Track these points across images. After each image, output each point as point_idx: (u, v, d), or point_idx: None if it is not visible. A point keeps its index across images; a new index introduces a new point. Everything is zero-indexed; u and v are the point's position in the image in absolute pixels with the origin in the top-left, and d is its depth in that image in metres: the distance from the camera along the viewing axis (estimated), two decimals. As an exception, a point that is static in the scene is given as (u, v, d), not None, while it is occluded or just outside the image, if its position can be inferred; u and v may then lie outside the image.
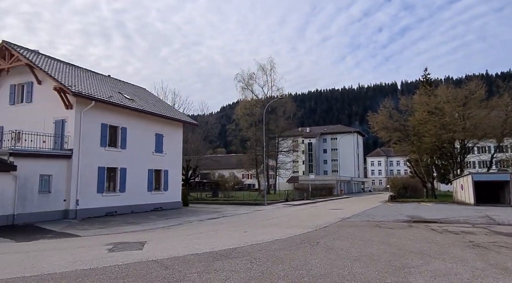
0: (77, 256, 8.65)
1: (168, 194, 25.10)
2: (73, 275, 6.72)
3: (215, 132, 61.51)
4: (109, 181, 20.49)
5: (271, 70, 52.99)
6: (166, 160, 25.05)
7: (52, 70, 19.37)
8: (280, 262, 7.35)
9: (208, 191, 49.92)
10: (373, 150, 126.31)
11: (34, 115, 19.19)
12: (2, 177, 15.22)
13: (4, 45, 19.49)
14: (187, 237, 12.17)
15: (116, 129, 21.04)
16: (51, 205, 17.22)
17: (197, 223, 17.59)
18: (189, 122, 29.64)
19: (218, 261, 7.63)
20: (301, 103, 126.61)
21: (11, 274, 6.97)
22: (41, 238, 12.88)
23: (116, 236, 13.11)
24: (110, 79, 26.60)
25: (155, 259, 7.99)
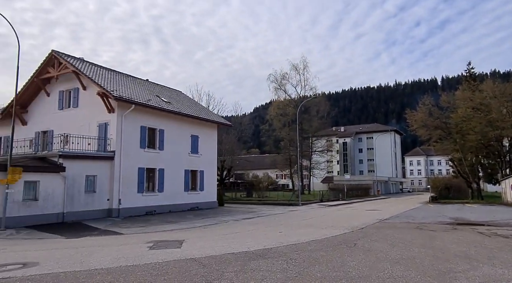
0: (121, 253, 9.09)
1: (204, 194, 25.65)
2: (117, 271, 7.08)
3: (249, 133, 61.93)
4: (148, 182, 21.30)
5: (304, 70, 52.55)
6: (202, 161, 25.61)
7: (96, 76, 20.48)
8: (316, 263, 7.29)
9: (242, 191, 50.40)
10: (412, 149, 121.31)
11: (79, 119, 20.40)
12: (53, 178, 16.33)
13: (53, 54, 20.90)
14: (223, 236, 12.38)
15: (154, 131, 21.84)
16: (96, 204, 18.21)
17: (232, 222, 17.84)
18: (223, 123, 30.11)
19: (254, 260, 7.70)
20: (335, 102, 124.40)
21: (63, 268, 7.47)
22: (88, 235, 13.66)
23: (155, 234, 13.61)
24: (148, 83, 27.65)
25: (193, 257, 8.21)
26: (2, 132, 24.04)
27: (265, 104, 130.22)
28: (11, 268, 7.62)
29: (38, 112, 22.88)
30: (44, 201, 15.93)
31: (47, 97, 22.41)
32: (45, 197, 15.96)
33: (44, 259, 8.54)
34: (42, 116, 22.57)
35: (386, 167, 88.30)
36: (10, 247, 10.86)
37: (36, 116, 22.93)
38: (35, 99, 22.99)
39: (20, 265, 7.87)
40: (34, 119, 22.99)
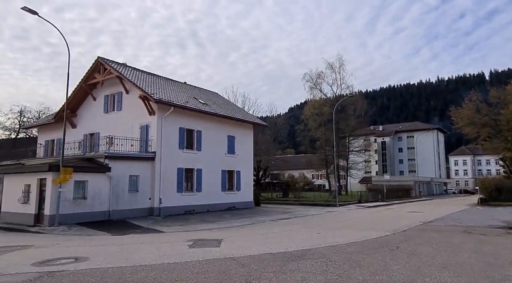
0: (163, 251, 9.42)
1: (241, 194, 25.91)
2: (160, 268, 7.34)
3: (284, 133, 61.64)
4: (187, 181, 21.89)
5: (340, 68, 51.38)
6: (238, 161, 25.90)
7: (138, 80, 21.41)
8: (357, 266, 7.11)
9: (278, 191, 50.30)
10: (457, 148, 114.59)
11: (123, 121, 21.41)
12: (100, 178, 17.28)
13: (99, 61, 22.14)
14: (261, 236, 12.44)
15: (192, 132, 22.41)
16: (139, 203, 19.01)
17: (269, 223, 17.86)
18: (259, 123, 30.25)
19: (293, 261, 7.66)
20: (372, 101, 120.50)
21: (110, 263, 7.88)
22: (132, 232, 14.30)
23: (195, 233, 13.96)
24: (186, 85, 28.43)
25: (232, 256, 8.32)
26: (54, 134, 25.83)
27: (300, 104, 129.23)
28: (64, 262, 8.17)
29: (86, 116, 24.33)
30: (92, 200, 16.90)
31: (93, 101, 23.77)
32: (93, 196, 16.92)
33: (93, 254, 9.06)
34: (89, 119, 23.98)
35: (429, 167, 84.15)
36: (63, 242, 11.63)
37: (84, 120, 24.39)
38: (83, 103, 24.46)
39: (72, 259, 8.41)
40: (82, 122, 24.48)
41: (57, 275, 6.88)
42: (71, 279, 6.55)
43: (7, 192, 18.35)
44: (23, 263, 8.10)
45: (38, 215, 16.18)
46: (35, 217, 16.15)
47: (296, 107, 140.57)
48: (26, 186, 16.92)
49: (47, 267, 7.57)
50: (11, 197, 17.66)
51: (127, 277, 6.60)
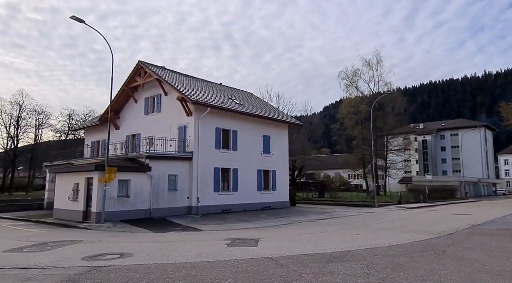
0: (202, 249, 9.63)
1: (276, 194, 25.88)
2: (200, 266, 7.51)
3: (319, 132, 60.73)
4: (223, 181, 22.23)
5: (377, 64, 49.76)
6: (274, 161, 25.89)
7: (175, 82, 22.06)
8: (401, 270, 6.84)
9: (313, 191, 49.68)
10: (507, 146, 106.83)
11: (162, 122, 22.16)
12: (141, 177, 18.01)
13: (140, 65, 23.10)
14: (298, 236, 12.34)
15: (228, 132, 22.71)
16: (178, 202, 19.58)
17: (306, 223, 17.68)
18: (294, 122, 30.05)
19: (332, 263, 7.53)
20: (412, 98, 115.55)
21: (153, 260, 8.18)
22: (172, 230, 14.76)
23: (232, 232, 14.13)
24: (222, 86, 28.88)
25: (270, 256, 8.33)
26: (99, 136, 27.28)
27: (335, 102, 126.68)
28: (111, 257, 8.59)
29: (128, 118, 25.46)
30: (134, 198, 17.65)
31: (135, 103, 24.82)
32: (135, 194, 17.67)
33: (137, 251, 9.45)
34: (131, 121, 25.07)
35: (475, 166, 79.23)
36: (109, 238, 12.25)
37: (126, 121, 25.53)
38: (126, 105, 25.61)
39: (117, 255, 8.83)
40: (125, 124, 25.63)
41: (104, 269, 7.25)
42: (117, 274, 6.87)
43: (58, 190, 19.65)
44: (74, 257, 8.62)
45: (86, 212, 17.17)
46: (83, 214, 17.15)
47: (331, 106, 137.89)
48: (75, 185, 18.02)
49: (96, 262, 8.00)
50: (62, 195, 18.89)
51: (169, 274, 6.81)
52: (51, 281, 6.36)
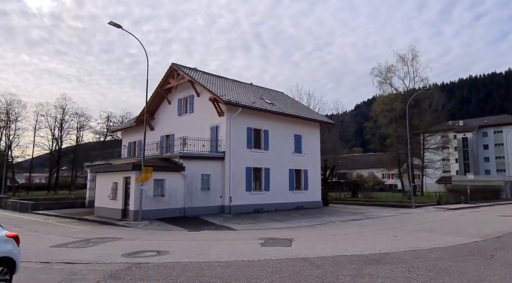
0: (236, 248, 9.69)
1: (308, 194, 25.60)
2: (235, 265, 7.55)
3: (351, 131, 59.45)
4: (255, 180, 22.29)
5: (412, 60, 47.82)
6: (305, 160, 25.62)
7: (207, 83, 22.41)
8: (445, 274, 6.50)
9: (346, 191, 48.70)
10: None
11: (194, 123, 22.59)
12: (175, 176, 18.45)
13: (173, 67, 23.71)
14: (332, 237, 12.12)
15: (259, 132, 22.75)
16: (211, 201, 19.88)
17: (340, 223, 17.34)
18: (326, 121, 29.59)
19: (370, 265, 7.31)
20: (450, 93, 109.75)
21: (189, 258, 8.34)
22: (205, 229, 15.00)
23: (265, 231, 14.13)
24: (252, 86, 28.98)
25: (305, 257, 8.23)
26: (136, 137, 28.28)
27: (367, 100, 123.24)
28: (148, 254, 8.86)
29: (162, 119, 26.19)
30: (169, 197, 18.11)
31: (168, 105, 25.49)
32: (170, 193, 18.14)
33: (173, 248, 9.68)
34: (165, 122, 25.77)
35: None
36: (146, 236, 12.65)
37: (161, 122, 26.28)
38: (160, 107, 26.37)
39: (155, 252, 9.09)
40: (159, 124, 26.39)
41: (143, 266, 7.48)
42: (155, 271, 7.07)
43: (99, 189, 20.58)
44: (115, 253, 8.97)
45: (124, 210, 17.85)
46: (122, 212, 17.83)
47: (363, 104, 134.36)
48: (114, 184, 18.78)
49: (135, 259, 8.28)
50: (102, 194, 19.76)
51: (205, 272, 6.91)
52: (95, 276, 6.64)
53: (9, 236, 5.87)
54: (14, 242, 5.89)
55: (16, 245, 5.91)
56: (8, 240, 5.79)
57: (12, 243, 5.84)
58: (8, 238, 5.82)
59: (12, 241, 5.87)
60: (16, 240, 5.96)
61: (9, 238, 5.84)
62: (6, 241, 5.73)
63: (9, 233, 5.94)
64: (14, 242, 5.90)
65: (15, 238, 5.96)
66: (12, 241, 5.85)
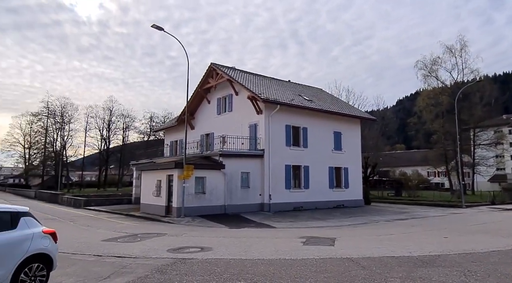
0: (278, 246, 9.63)
1: (349, 192, 24.94)
2: (278, 263, 7.49)
3: (393, 127, 57.13)
4: (294, 178, 22.08)
5: (461, 50, 44.76)
6: (346, 158, 24.98)
7: (245, 82, 22.54)
8: (509, 281, 5.98)
9: (388, 189, 46.84)
10: None
11: (233, 121, 22.83)
12: (216, 174, 18.77)
13: (212, 67, 24.13)
14: (377, 237, 11.67)
15: (298, 130, 22.50)
16: (250, 199, 19.99)
17: (384, 223, 16.70)
18: (367, 117, 28.64)
19: (421, 267, 6.92)
20: (503, 85, 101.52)
21: (231, 255, 8.41)
22: (246, 226, 15.10)
23: (305, 230, 13.95)
24: (290, 83, 28.74)
25: (349, 257, 7.98)
26: (177, 136, 29.17)
27: (409, 95, 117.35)
28: (192, 250, 9.05)
29: (202, 118, 26.77)
30: (210, 195, 18.46)
31: (208, 104, 25.99)
32: (210, 191, 18.48)
33: (216, 245, 9.82)
34: (205, 121, 26.31)
35: None
36: (189, 232, 12.97)
37: (201, 121, 26.87)
38: (200, 106, 26.96)
39: (198, 249, 9.27)
40: (199, 124, 27.00)
41: (188, 262, 7.65)
42: (200, 267, 7.19)
43: (144, 186, 21.48)
44: (160, 249, 9.27)
45: (168, 207, 18.47)
46: (166, 209, 18.47)
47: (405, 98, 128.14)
48: (158, 181, 19.49)
49: (180, 254, 8.49)
50: (147, 191, 20.60)
51: (248, 270, 6.91)
52: (143, 270, 6.89)
53: (46, 233, 5.87)
54: (51, 239, 5.91)
55: (53, 242, 5.93)
56: (45, 237, 5.81)
57: (49, 240, 5.85)
58: (45, 234, 5.82)
59: (49, 237, 5.88)
60: (53, 236, 5.98)
61: (46, 235, 5.84)
62: (42, 238, 5.74)
63: (46, 229, 5.96)
64: (51, 238, 5.92)
65: (52, 234, 5.96)
66: (49, 238, 5.86)
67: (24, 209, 5.89)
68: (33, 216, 5.97)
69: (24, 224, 5.63)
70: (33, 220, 5.87)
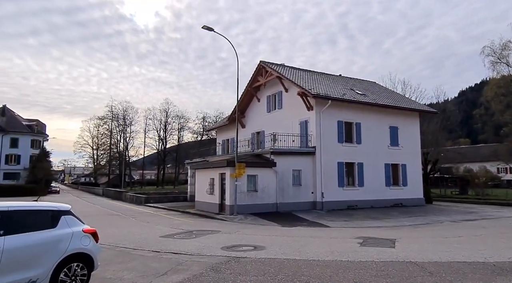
0: (333, 247, 9.24)
1: (408, 190, 23.45)
2: (334, 265, 7.14)
3: (455, 120, 52.77)
4: (348, 176, 21.27)
5: (537, 31, 40.01)
6: (403, 154, 23.51)
7: (295, 78, 22.18)
8: None
9: (451, 187, 43.37)
10: None
11: (284, 118, 22.60)
12: (267, 172, 18.70)
13: (261, 64, 24.13)
14: (444, 239, 10.73)
15: (350, 125, 21.64)
16: (302, 197, 19.64)
17: (450, 224, 15.40)
18: (427, 110, 26.70)
19: (500, 276, 6.15)
20: None
21: (285, 255, 8.22)
22: (298, 225, 14.82)
23: (362, 230, 13.31)
24: (341, 78, 27.75)
25: (413, 261, 7.38)
26: (228, 134, 29.68)
27: (474, 85, 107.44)
28: (246, 249, 9.02)
29: (252, 116, 26.91)
30: (262, 193, 18.44)
31: (258, 102, 26.05)
32: (262, 189, 18.46)
33: (269, 244, 9.70)
34: (255, 119, 26.42)
35: None
36: (242, 230, 13.03)
37: (251, 120, 27.03)
38: (250, 105, 27.15)
39: (251, 247, 9.22)
40: (250, 122, 27.18)
41: (241, 261, 7.61)
42: (253, 266, 7.10)
43: (198, 184, 22.14)
44: (214, 246, 9.38)
45: (221, 204, 18.81)
46: (219, 206, 18.82)
47: (468, 89, 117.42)
48: (211, 180, 19.94)
49: (233, 253, 8.50)
50: (201, 189, 21.19)
51: (303, 271, 6.67)
52: (198, 268, 6.97)
53: (86, 232, 5.70)
54: (92, 238, 5.75)
55: (93, 241, 5.77)
56: (85, 236, 5.65)
57: (89, 239, 5.70)
58: (85, 233, 5.66)
59: (89, 237, 5.72)
60: (94, 236, 5.80)
61: (86, 234, 5.68)
62: (82, 237, 5.59)
63: (86, 228, 5.78)
64: (92, 238, 5.76)
65: (93, 234, 5.80)
66: (89, 237, 5.70)
67: (65, 208, 5.82)
68: (74, 214, 5.90)
69: (65, 223, 5.54)
70: (74, 218, 5.78)
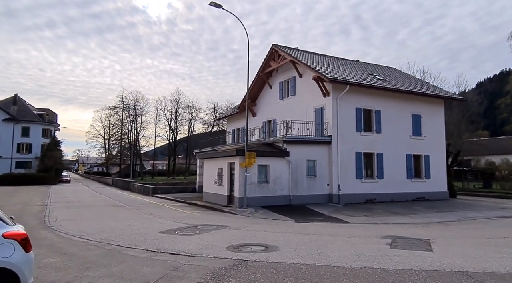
0: (358, 248, 7.88)
1: (431, 183, 21.79)
2: (365, 275, 5.79)
3: (476, 111, 50.22)
4: (366, 167, 19.77)
5: None
6: (426, 144, 21.81)
7: (310, 61, 20.60)
8: None
9: (471, 180, 41.27)
10: None
11: (297, 105, 21.12)
12: (280, 162, 17.34)
13: (273, 48, 22.57)
14: (487, 241, 9.22)
15: (370, 113, 20.04)
16: (317, 189, 18.24)
17: (484, 221, 13.81)
18: (453, 97, 24.83)
19: None
20: None
21: (302, 258, 6.89)
22: (314, 220, 13.48)
23: (386, 227, 11.90)
24: (360, 63, 25.98)
25: (463, 270, 5.97)
26: (239, 123, 28.37)
27: (492, 76, 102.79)
28: (255, 249, 7.74)
29: (264, 104, 25.45)
30: (274, 184, 17.12)
31: (269, 89, 24.55)
32: (274, 180, 17.13)
33: (282, 243, 8.40)
34: (267, 106, 24.96)
35: None
36: (252, 225, 11.74)
37: (263, 107, 25.58)
38: (261, 92, 25.66)
39: (262, 247, 7.93)
40: (261, 110, 25.74)
41: (250, 265, 6.34)
42: (263, 274, 5.82)
43: (206, 174, 20.96)
44: (219, 245, 8.13)
45: (229, 196, 17.59)
46: (228, 198, 17.61)
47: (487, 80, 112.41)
48: (219, 170, 18.71)
49: (240, 254, 7.23)
50: (209, 179, 19.99)
51: (325, 281, 5.36)
52: (196, 275, 5.72)
53: (9, 237, 3.91)
54: (19, 246, 3.96)
55: (21, 251, 3.96)
56: (6, 243, 3.87)
57: (13, 248, 3.90)
58: (6, 239, 3.88)
59: (14, 244, 3.93)
60: (22, 243, 4.00)
61: (9, 240, 3.90)
62: (1, 244, 3.84)
63: (10, 232, 3.96)
64: (19, 246, 3.96)
65: (20, 241, 3.99)
66: (13, 245, 3.91)
67: None
68: None
69: None
70: None
